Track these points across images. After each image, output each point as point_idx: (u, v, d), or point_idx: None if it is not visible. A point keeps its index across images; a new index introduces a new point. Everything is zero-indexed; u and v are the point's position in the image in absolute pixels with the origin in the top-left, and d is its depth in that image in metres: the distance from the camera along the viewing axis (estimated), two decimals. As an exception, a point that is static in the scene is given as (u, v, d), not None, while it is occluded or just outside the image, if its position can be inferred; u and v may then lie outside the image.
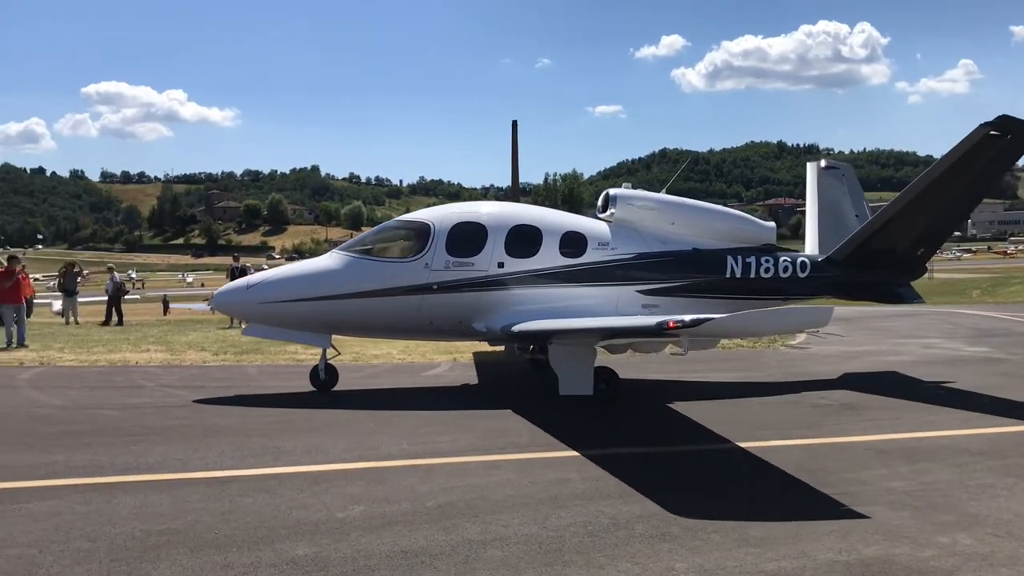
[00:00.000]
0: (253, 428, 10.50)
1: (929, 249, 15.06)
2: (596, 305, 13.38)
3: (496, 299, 13.14)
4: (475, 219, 13.55)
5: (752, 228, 14.90)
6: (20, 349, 19.55)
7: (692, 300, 13.96)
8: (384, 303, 12.87)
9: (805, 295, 15.09)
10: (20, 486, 7.73)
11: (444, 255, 13.03)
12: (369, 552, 5.99)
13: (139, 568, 5.66)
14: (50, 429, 10.41)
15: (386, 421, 11.01)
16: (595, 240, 13.82)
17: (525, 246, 13.40)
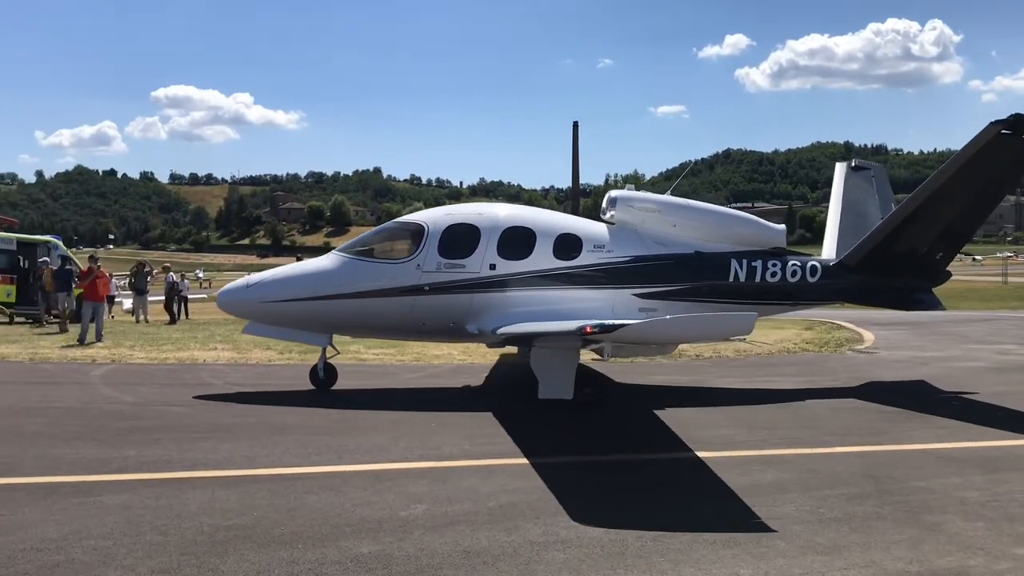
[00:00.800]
0: (317, 426, 10.65)
1: (948, 253, 14.22)
2: (591, 308, 13.05)
3: (488, 301, 13.00)
4: (469, 221, 13.49)
5: (760, 231, 14.34)
6: (94, 345, 20.12)
7: (693, 304, 13.51)
8: (378, 304, 12.95)
9: (815, 300, 14.74)
10: (94, 480, 7.94)
11: (436, 257, 13.02)
12: (432, 551, 6.03)
13: (208, 562, 5.77)
14: (121, 424, 10.69)
15: (447, 421, 11.06)
16: (591, 242, 13.55)
17: (518, 248, 13.26)
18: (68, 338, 22.13)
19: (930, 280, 14.39)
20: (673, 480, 8.22)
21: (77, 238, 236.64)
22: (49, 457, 8.82)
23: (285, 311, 12.99)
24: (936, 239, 13.88)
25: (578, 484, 8.01)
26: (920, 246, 13.90)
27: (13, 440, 9.63)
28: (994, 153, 12.76)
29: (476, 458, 8.97)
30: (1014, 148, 12.71)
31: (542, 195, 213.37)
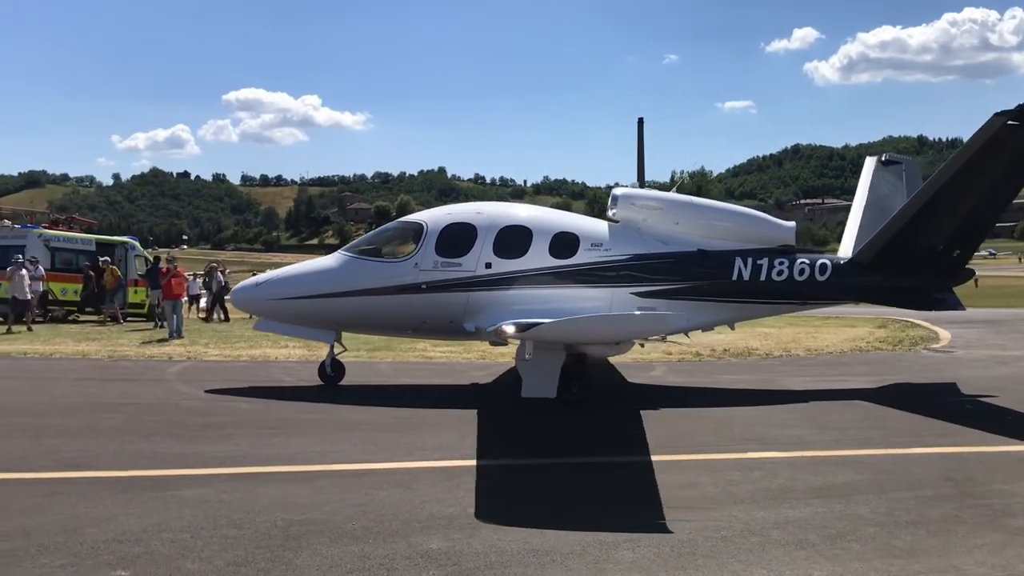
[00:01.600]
0: (385, 423, 10.77)
1: (965, 251, 13.47)
2: (587, 307, 12.84)
3: (484, 300, 13.00)
4: (466, 220, 13.58)
5: (768, 228, 13.98)
6: (171, 343, 20.67)
7: (694, 303, 13.28)
8: (378, 302, 13.11)
9: (825, 299, 14.33)
10: (171, 474, 8.15)
11: (433, 255, 13.14)
12: (501, 548, 6.04)
13: (281, 556, 5.88)
14: (196, 420, 10.95)
15: (516, 418, 11.08)
16: (588, 241, 13.41)
17: (514, 247, 13.24)
18: (145, 336, 22.76)
19: (949, 279, 13.68)
20: (739, 482, 8.10)
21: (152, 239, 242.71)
22: (128, 452, 9.08)
23: (291, 308, 13.31)
24: (949, 237, 13.17)
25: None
26: (933, 244, 13.20)
27: (94, 435, 9.95)
28: (1002, 146, 12.15)
29: (546, 455, 8.96)
30: (1022, 139, 12.11)
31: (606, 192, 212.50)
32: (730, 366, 16.97)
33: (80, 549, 5.95)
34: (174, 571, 5.57)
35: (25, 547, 5.97)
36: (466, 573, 5.60)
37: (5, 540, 6.11)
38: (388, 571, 5.63)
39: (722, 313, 13.69)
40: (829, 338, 21.93)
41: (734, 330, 15.65)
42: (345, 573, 5.59)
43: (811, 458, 9.06)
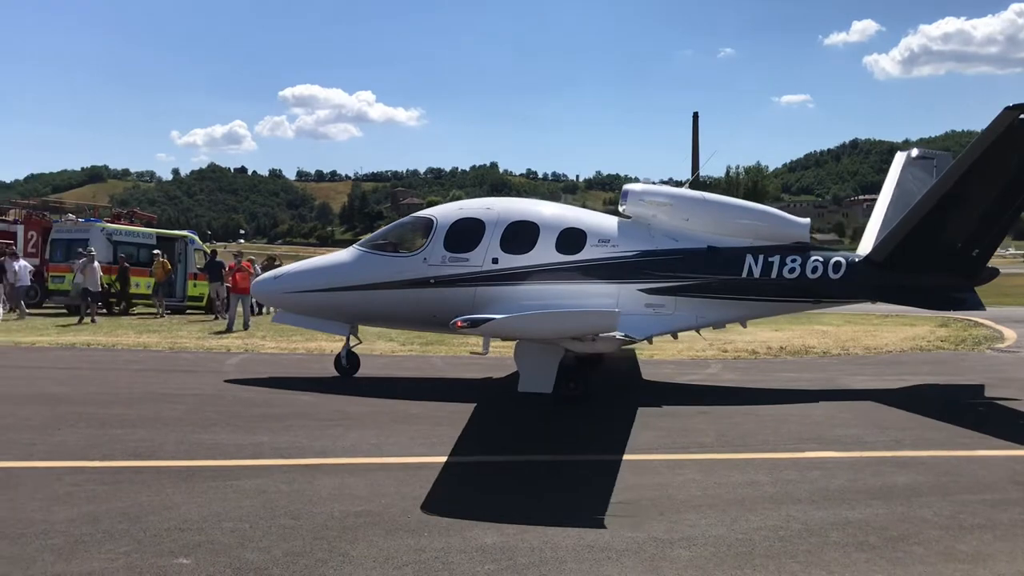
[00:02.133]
0: (440, 417, 10.81)
1: (985, 249, 12.90)
2: (593, 304, 12.83)
3: (490, 295, 13.01)
4: (475, 215, 13.67)
5: (780, 225, 13.72)
6: (229, 335, 21.03)
7: (703, 301, 13.16)
8: (389, 295, 13.28)
9: (839, 298, 13.91)
10: (231, 464, 8.29)
11: (441, 250, 13.27)
12: (556, 544, 6.03)
13: (338, 547, 5.94)
14: (254, 412, 11.11)
15: (571, 416, 11.05)
16: (595, 237, 13.37)
17: (521, 242, 13.27)
18: (205, 328, 23.19)
19: (970, 278, 13.13)
20: (797, 480, 7.97)
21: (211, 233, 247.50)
22: (189, 442, 9.25)
23: (306, 301, 13.67)
24: (967, 234, 12.65)
25: (703, 482, 7.86)
26: (950, 242, 12.70)
27: (156, 425, 10.14)
28: (1015, 140, 11.70)
29: (599, 453, 8.93)
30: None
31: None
32: (786, 364, 16.74)
33: (143, 536, 6.08)
34: (234, 560, 5.66)
35: (91, 533, 6.12)
36: (521, 568, 5.60)
37: (72, 526, 6.27)
38: (443, 564, 5.65)
39: (732, 310, 13.52)
40: (888, 336, 21.51)
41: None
42: (401, 566, 5.62)
43: (870, 458, 8.89)
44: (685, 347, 18.86)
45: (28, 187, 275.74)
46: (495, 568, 5.61)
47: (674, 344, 19.33)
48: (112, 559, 5.64)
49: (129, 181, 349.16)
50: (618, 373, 15.45)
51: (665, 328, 13.27)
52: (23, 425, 9.99)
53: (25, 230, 35.01)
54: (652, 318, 12.99)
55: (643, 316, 12.87)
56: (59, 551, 5.77)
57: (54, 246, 31.80)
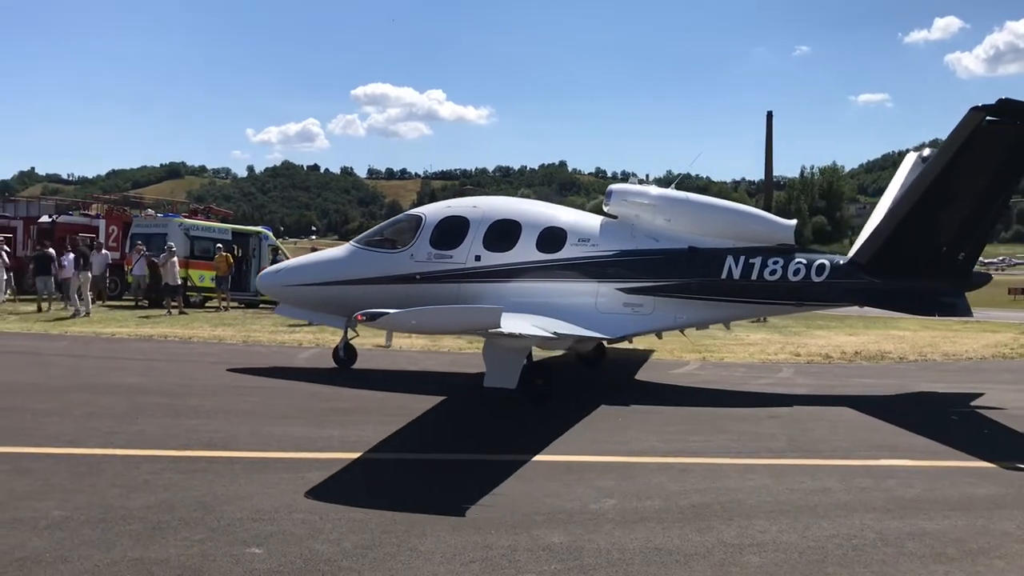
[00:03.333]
0: (505, 415, 10.84)
1: (970, 253, 12.48)
2: (573, 302, 12.95)
3: (472, 292, 13.32)
4: (461, 213, 14.06)
5: (764, 227, 13.55)
6: (300, 329, 21.38)
7: (682, 301, 13.13)
8: (379, 290, 13.58)
9: (823, 301, 13.66)
10: (301, 456, 8.42)
11: (427, 247, 13.70)
12: (623, 546, 5.99)
13: (407, 541, 5.99)
14: (323, 406, 11.29)
15: (634, 417, 10.99)
16: (576, 236, 13.51)
17: (503, 240, 13.54)
18: (278, 322, 23.59)
19: (958, 283, 12.67)
20: (870, 489, 7.78)
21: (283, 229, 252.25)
22: (261, 434, 9.45)
23: (304, 294, 14.15)
24: (949, 237, 12.25)
25: (775, 488, 7.72)
26: (933, 245, 12.31)
27: (230, 416, 10.38)
28: (984, 142, 11.50)
29: (665, 455, 8.84)
30: (1007, 136, 11.46)
31: (732, 188, 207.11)
32: (861, 369, 16.37)
33: (217, 525, 6.22)
34: (304, 551, 5.75)
35: (168, 520, 6.28)
36: (588, 569, 5.58)
37: (150, 513, 6.44)
38: (510, 562, 5.66)
39: (711, 311, 13.47)
40: (968, 343, 20.88)
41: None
42: (468, 562, 5.65)
43: (949, 468, 8.64)
44: (757, 350, 18.58)
45: (109, 182, 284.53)
46: (561, 568, 5.60)
47: (745, 348, 19.08)
48: (188, 546, 5.78)
49: (206, 177, 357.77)
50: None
51: (643, 328, 13.39)
52: (104, 414, 10.31)
53: (107, 224, 36.12)
54: (630, 317, 13.13)
55: (621, 315, 13.07)
56: (137, 537, 5.94)
57: (134, 240, 32.77)
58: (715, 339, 20.81)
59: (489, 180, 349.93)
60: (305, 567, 5.47)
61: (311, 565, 5.51)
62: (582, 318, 12.39)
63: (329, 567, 5.49)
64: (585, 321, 12.30)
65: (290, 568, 5.46)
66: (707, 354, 17.73)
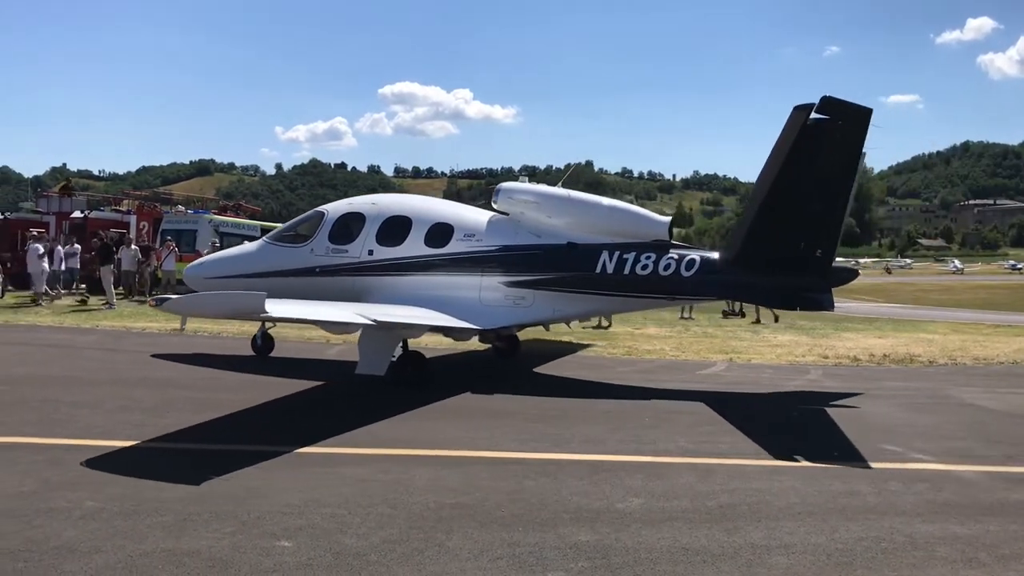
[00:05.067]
0: (533, 414, 10.85)
1: (827, 249, 12.52)
2: (458, 295, 13.57)
3: (366, 284, 14.00)
4: (359, 209, 14.78)
5: (639, 223, 14.01)
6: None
7: (560, 295, 13.64)
8: (284, 282, 14.17)
9: (692, 295, 14.11)
10: (332, 452, 8.49)
11: (326, 242, 14.40)
12: (650, 545, 5.99)
13: (434, 537, 6.03)
14: (355, 401, 11.38)
15: (662, 417, 10.96)
16: (462, 231, 14.12)
17: (394, 236, 14.17)
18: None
19: (819, 278, 12.71)
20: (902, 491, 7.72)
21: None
22: (293, 428, 9.56)
23: (222, 286, 14.36)
24: (803, 235, 12.35)
25: (803, 490, 7.68)
26: (789, 242, 12.40)
27: (261, 410, 10.49)
28: (811, 140, 11.78)
29: (693, 456, 8.82)
30: (831, 133, 11.72)
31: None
32: (890, 372, 16.21)
33: (248, 518, 6.29)
34: (333, 545, 5.80)
35: (199, 512, 6.37)
36: (615, 567, 5.59)
37: (182, 505, 6.53)
38: (537, 560, 5.68)
39: (588, 305, 14.01)
40: (1000, 347, 20.60)
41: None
42: (495, 559, 5.68)
43: (980, 473, 8.53)
44: (784, 352, 18.46)
45: (140, 179, 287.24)
46: (588, 566, 5.61)
47: (772, 349, 18.96)
48: (218, 538, 5.85)
49: (234, 175, 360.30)
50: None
51: (524, 319, 13.95)
52: (134, 407, 10.45)
53: (137, 220, 36.54)
54: (511, 309, 13.69)
55: (502, 307, 13.65)
56: (169, 528, 6.02)
57: (164, 236, 33.12)
58: (742, 340, 20.72)
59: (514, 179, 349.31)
60: (334, 561, 5.53)
61: (340, 559, 5.56)
62: (466, 310, 13.12)
63: (358, 561, 5.54)
64: (468, 313, 13.04)
65: (319, 562, 5.51)
66: (734, 355, 17.64)
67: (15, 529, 5.91)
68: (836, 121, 11.77)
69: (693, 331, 22.81)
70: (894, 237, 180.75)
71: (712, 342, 20.17)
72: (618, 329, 22.38)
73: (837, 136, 11.83)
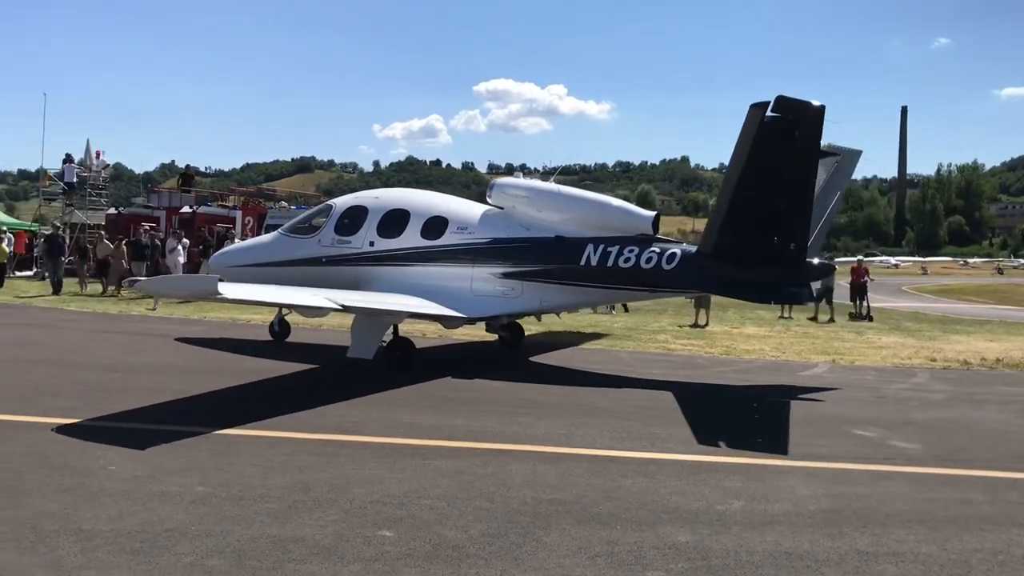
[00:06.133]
0: (628, 411, 10.78)
1: (799, 243, 12.44)
2: (451, 285, 14.23)
3: (368, 274, 14.85)
4: (363, 203, 15.77)
5: (624, 217, 14.49)
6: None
7: (547, 286, 14.18)
8: (294, 271, 15.08)
9: (674, 288, 14.49)
10: (428, 444, 8.59)
11: (332, 234, 15.30)
12: (751, 548, 5.87)
13: (532, 532, 6.04)
14: (449, 395, 11.47)
15: (763, 417, 10.74)
16: (455, 224, 14.82)
17: (393, 228, 15.00)
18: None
19: (796, 272, 12.81)
20: (1020, 502, 7.38)
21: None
22: (388, 420, 9.69)
23: (242, 274, 15.21)
24: (773, 229, 12.42)
25: (911, 496, 7.41)
26: (760, 237, 12.49)
27: (356, 402, 10.69)
28: (771, 138, 11.92)
29: (797, 459, 8.61)
30: (787, 130, 11.82)
31: (863, 186, 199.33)
32: (1003, 377, 15.51)
33: (349, 507, 6.41)
34: (433, 536, 5.87)
35: (303, 500, 6.53)
36: (715, 569, 5.50)
37: (286, 492, 6.71)
38: (636, 559, 5.63)
39: (572, 296, 14.51)
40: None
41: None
42: (593, 556, 5.65)
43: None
44: (890, 354, 17.88)
45: (244, 175, 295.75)
46: (688, 567, 5.53)
47: (877, 351, 18.39)
48: (322, 526, 5.98)
49: (334, 171, 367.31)
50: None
51: (512, 309, 14.53)
52: (240, 395, 10.78)
53: (243, 215, 37.69)
54: (500, 299, 14.31)
55: (492, 297, 14.28)
56: (275, 515, 6.19)
57: (268, 231, 34.07)
58: (845, 341, 20.14)
59: (608, 175, 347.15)
60: (434, 552, 5.59)
61: (439, 551, 5.62)
62: (457, 299, 13.83)
63: (456, 553, 5.59)
64: (459, 302, 13.74)
65: (419, 552, 5.58)
66: (836, 356, 17.15)
67: (131, 511, 6.16)
68: (790, 119, 11.89)
69: (793, 331, 22.29)
70: (1006, 236, 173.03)
71: (814, 343, 19.66)
72: (715, 328, 22.03)
73: (793, 133, 11.91)
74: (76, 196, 37.62)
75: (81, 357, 14.00)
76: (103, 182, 38.76)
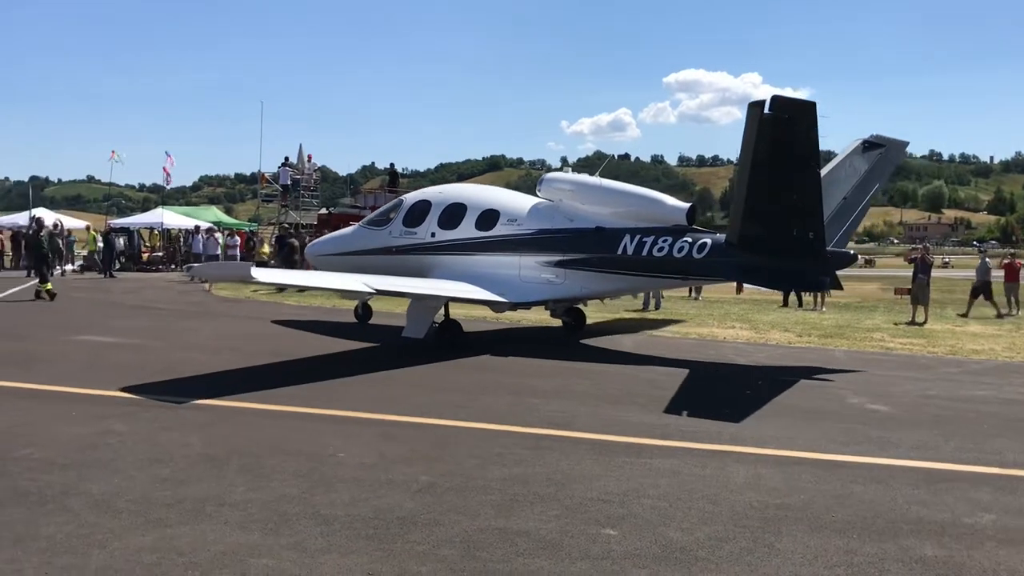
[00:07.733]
0: (850, 415, 10.18)
1: (817, 232, 12.68)
2: (501, 272, 15.40)
3: (430, 262, 16.25)
4: (428, 197, 17.39)
5: (658, 209, 15.29)
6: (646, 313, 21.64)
7: (588, 274, 15.11)
8: (371, 260, 16.73)
9: (704, 275, 15.37)
10: (642, 442, 8.41)
11: (401, 226, 16.86)
12: (1012, 568, 5.35)
13: (762, 538, 5.76)
14: (657, 393, 11.20)
15: (1004, 424, 9.86)
16: (506, 216, 15.99)
17: (452, 220, 16.34)
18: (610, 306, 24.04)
19: (818, 261, 13.08)
20: None
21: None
22: (599, 416, 9.61)
23: (330, 262, 17.52)
24: (791, 220, 12.69)
25: None
26: (779, 227, 12.81)
27: (567, 397, 10.70)
28: (773, 134, 12.24)
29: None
30: (786, 126, 12.04)
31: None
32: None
33: (570, 503, 6.37)
34: (659, 537, 5.72)
35: (523, 494, 6.55)
36: (973, 589, 5.04)
37: (506, 485, 6.76)
38: (879, 571, 5.27)
39: (611, 283, 15.40)
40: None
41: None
42: (831, 566, 5.33)
43: None
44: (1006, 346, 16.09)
45: (437, 175, 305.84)
46: (940, 584, 5.10)
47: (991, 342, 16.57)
48: (545, 521, 5.97)
49: (522, 169, 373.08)
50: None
51: (555, 295, 15.52)
52: (454, 388, 11.03)
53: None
54: (545, 286, 15.35)
55: (537, 284, 15.35)
56: (498, 507, 6.24)
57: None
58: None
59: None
60: (661, 553, 5.44)
61: (667, 552, 5.47)
62: (506, 285, 15.05)
63: (685, 556, 5.42)
64: (507, 288, 14.99)
65: (646, 552, 5.45)
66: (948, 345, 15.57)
67: (363, 497, 6.39)
68: (785, 116, 12.09)
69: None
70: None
71: None
72: (936, 326, 20.56)
73: (790, 129, 12.12)
74: (290, 197, 40.05)
75: (307, 348, 14.76)
76: (314, 184, 41.02)
